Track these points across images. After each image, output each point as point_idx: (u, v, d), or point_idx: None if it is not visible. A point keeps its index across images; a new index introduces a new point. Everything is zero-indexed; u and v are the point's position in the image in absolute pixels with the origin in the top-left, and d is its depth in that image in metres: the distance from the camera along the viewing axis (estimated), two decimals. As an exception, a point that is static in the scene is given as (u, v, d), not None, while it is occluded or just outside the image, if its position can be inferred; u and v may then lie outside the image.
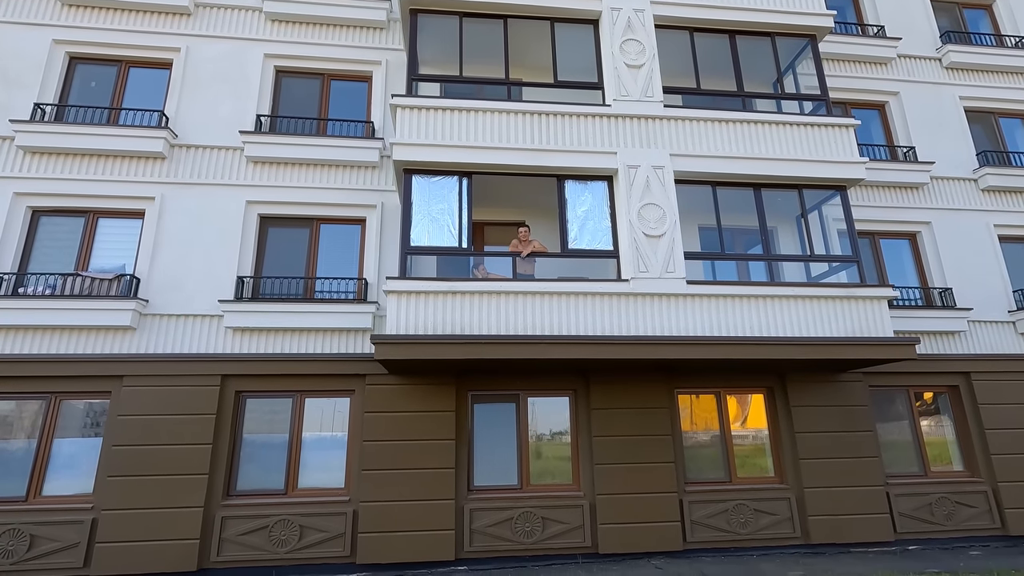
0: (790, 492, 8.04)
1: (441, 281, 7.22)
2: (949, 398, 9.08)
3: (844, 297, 7.79)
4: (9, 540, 6.73)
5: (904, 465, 8.61)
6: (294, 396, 7.81)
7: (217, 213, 8.23)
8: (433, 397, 7.75)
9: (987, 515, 8.31)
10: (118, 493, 6.98)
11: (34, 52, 8.57)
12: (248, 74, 8.94)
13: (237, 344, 7.76)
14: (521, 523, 7.45)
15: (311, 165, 8.62)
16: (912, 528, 8.12)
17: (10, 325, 7.35)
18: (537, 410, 8.17)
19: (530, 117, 7.94)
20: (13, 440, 7.29)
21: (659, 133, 8.16)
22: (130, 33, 8.89)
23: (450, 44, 8.39)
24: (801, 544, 7.86)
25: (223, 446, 7.40)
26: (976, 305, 9.29)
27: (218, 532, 7.05)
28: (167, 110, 8.61)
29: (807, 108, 9.12)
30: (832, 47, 10.25)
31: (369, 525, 7.19)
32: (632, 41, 8.45)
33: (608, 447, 7.84)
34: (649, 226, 7.66)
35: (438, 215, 7.51)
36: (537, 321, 7.18)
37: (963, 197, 10.03)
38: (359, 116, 9.21)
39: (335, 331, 7.95)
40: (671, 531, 7.60)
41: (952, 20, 11.55)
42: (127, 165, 8.30)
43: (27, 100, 8.30)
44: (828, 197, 8.46)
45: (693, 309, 7.49)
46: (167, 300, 7.79)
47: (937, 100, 10.56)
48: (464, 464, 7.69)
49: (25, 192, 7.99)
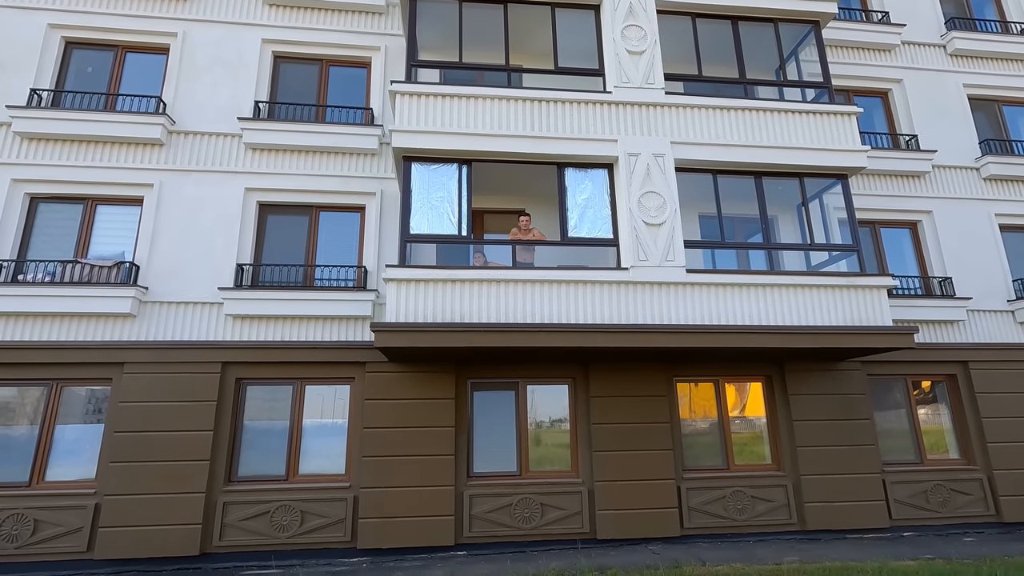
0: (787, 479, 8.11)
1: (441, 269, 7.23)
2: (947, 387, 9.12)
3: (844, 286, 7.80)
4: (13, 525, 6.80)
5: (900, 453, 8.68)
6: (294, 383, 7.84)
7: (216, 200, 8.21)
8: (433, 384, 7.78)
9: (982, 502, 8.39)
10: (120, 478, 7.04)
11: (29, 37, 8.47)
12: (246, 60, 8.86)
13: (237, 331, 7.77)
14: (520, 509, 7.52)
15: (310, 152, 8.58)
16: (907, 515, 8.20)
17: (10, 312, 7.37)
18: (536, 398, 8.21)
19: (530, 104, 7.88)
20: (16, 426, 7.33)
21: (660, 120, 8.10)
22: (126, 17, 8.79)
23: (450, 30, 8.31)
24: (797, 530, 7.94)
25: (224, 433, 7.45)
26: (975, 294, 9.30)
27: (220, 517, 7.12)
28: (164, 96, 8.55)
29: (809, 95, 9.05)
30: (835, 33, 10.14)
31: (369, 511, 7.26)
32: (633, 27, 8.36)
33: (607, 434, 7.89)
34: (649, 214, 7.64)
35: (438, 203, 7.49)
36: (537, 309, 7.19)
37: (965, 186, 9.99)
38: (358, 103, 9.14)
39: (335, 319, 7.97)
40: (669, 517, 7.67)
41: (957, 6, 11.42)
42: (125, 151, 8.25)
43: (23, 85, 8.23)
44: (829, 186, 8.44)
45: (693, 297, 7.50)
46: (167, 287, 7.80)
47: (941, 88, 10.48)
48: (464, 451, 7.74)
49: (23, 179, 7.96)
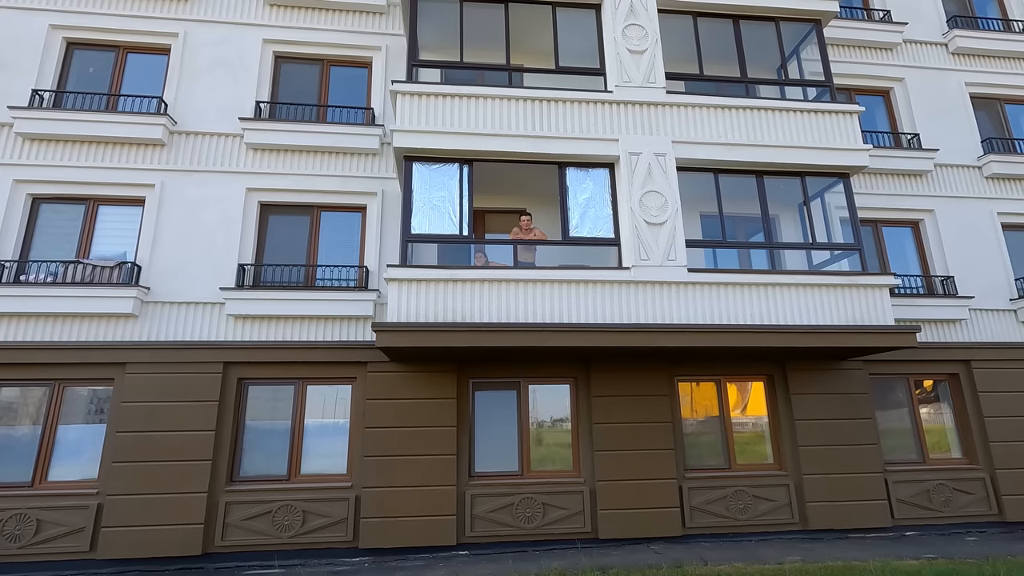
0: (789, 479, 8.10)
1: (442, 269, 7.22)
2: (949, 386, 9.10)
3: (845, 285, 7.79)
4: (16, 525, 6.82)
5: (903, 452, 8.66)
6: (296, 383, 7.85)
7: (217, 200, 8.21)
8: (434, 384, 7.78)
9: (984, 502, 8.37)
10: (123, 478, 7.05)
11: (31, 38, 8.49)
12: (247, 60, 8.87)
13: (239, 331, 7.78)
14: (522, 509, 7.52)
15: (311, 152, 8.58)
16: (910, 514, 8.19)
17: (12, 312, 7.37)
18: (538, 397, 8.21)
19: (531, 103, 7.88)
20: (18, 426, 7.35)
21: (661, 120, 8.09)
22: (127, 18, 8.80)
23: (451, 29, 8.30)
24: (799, 530, 7.93)
25: (226, 433, 7.46)
26: (978, 293, 9.28)
27: (222, 517, 7.13)
28: (166, 96, 8.55)
29: (811, 94, 9.03)
30: (837, 32, 10.11)
31: (371, 510, 7.26)
32: (634, 26, 8.35)
33: (608, 434, 7.89)
34: (651, 214, 7.63)
35: (439, 202, 7.49)
36: (538, 309, 7.19)
37: (967, 185, 9.97)
38: (359, 102, 9.14)
39: (336, 319, 7.97)
40: (671, 517, 7.67)
41: (959, 4, 11.38)
42: (127, 152, 8.26)
43: (25, 86, 8.24)
44: (831, 185, 8.42)
45: (694, 297, 7.50)
46: (168, 287, 7.81)
47: (943, 86, 10.45)
48: (465, 450, 7.75)
49: (25, 179, 7.98)
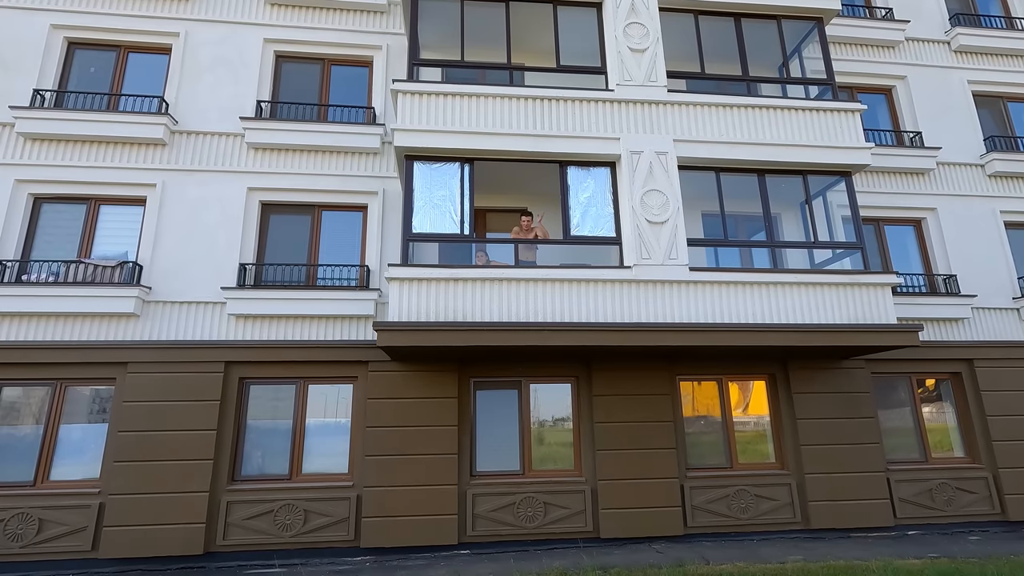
0: (791, 478, 8.08)
1: (443, 268, 7.22)
2: (951, 385, 9.07)
3: (847, 284, 7.77)
4: (18, 524, 6.83)
5: (905, 451, 8.64)
6: (297, 383, 7.85)
7: (218, 200, 8.21)
8: (435, 383, 7.78)
9: (987, 501, 8.35)
10: (125, 478, 7.05)
11: (32, 37, 8.49)
12: (248, 59, 8.86)
13: (240, 331, 7.78)
14: (523, 508, 7.52)
15: (312, 151, 8.58)
16: (912, 513, 8.17)
17: (14, 312, 7.38)
18: (539, 396, 8.20)
19: (532, 102, 7.87)
20: (21, 426, 7.36)
21: (662, 118, 8.08)
22: (128, 18, 8.80)
23: (451, 28, 8.29)
24: (801, 529, 7.92)
25: (227, 432, 7.46)
26: (980, 292, 9.25)
27: (223, 516, 7.14)
28: (167, 96, 8.56)
29: (812, 93, 8.99)
30: (839, 30, 10.08)
31: (373, 510, 7.27)
32: (636, 25, 8.33)
33: (610, 433, 7.88)
34: (652, 212, 7.62)
35: (440, 202, 7.48)
36: (539, 308, 7.18)
37: (969, 183, 9.93)
38: (360, 102, 9.14)
39: (337, 318, 7.97)
40: (672, 516, 7.66)
41: (961, 2, 11.35)
42: (128, 152, 8.27)
43: (26, 86, 8.25)
44: (833, 183, 8.40)
45: (696, 296, 7.48)
46: (170, 287, 7.81)
47: (945, 84, 10.42)
48: (466, 450, 7.74)
49: (26, 179, 7.98)
